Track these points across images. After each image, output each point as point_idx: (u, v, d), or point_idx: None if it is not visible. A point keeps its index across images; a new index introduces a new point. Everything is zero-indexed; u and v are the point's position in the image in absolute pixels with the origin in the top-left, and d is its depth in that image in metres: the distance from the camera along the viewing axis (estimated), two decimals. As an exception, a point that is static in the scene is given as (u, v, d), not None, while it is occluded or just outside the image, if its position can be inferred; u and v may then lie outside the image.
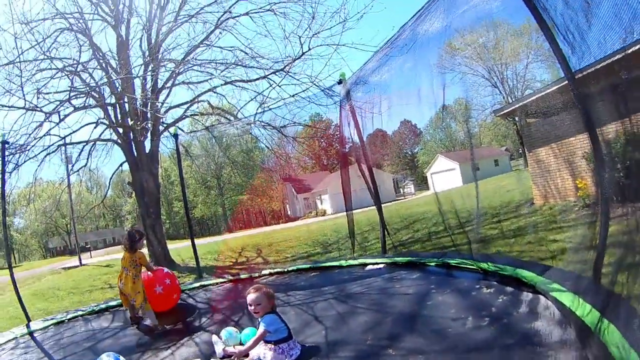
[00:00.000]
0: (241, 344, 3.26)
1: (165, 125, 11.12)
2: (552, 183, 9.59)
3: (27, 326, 5.33)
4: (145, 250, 9.45)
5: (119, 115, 10.97)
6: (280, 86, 9.50)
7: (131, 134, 10.90)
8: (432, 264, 4.42)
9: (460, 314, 2.99)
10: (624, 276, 2.28)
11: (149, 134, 10.90)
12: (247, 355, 3.02)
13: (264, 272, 6.27)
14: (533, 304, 2.77)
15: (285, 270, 6.12)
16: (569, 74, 2.68)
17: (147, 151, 11.10)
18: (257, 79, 9.94)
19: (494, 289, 3.26)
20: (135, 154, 11.01)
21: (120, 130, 10.96)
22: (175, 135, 7.34)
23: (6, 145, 6.24)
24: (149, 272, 4.69)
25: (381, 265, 5.01)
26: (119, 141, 11.07)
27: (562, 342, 2.21)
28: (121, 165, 12.75)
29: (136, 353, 3.70)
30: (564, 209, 8.44)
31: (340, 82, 6.16)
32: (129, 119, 10.70)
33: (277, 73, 9.47)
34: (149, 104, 9.55)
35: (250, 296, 3.10)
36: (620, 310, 2.17)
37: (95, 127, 10.79)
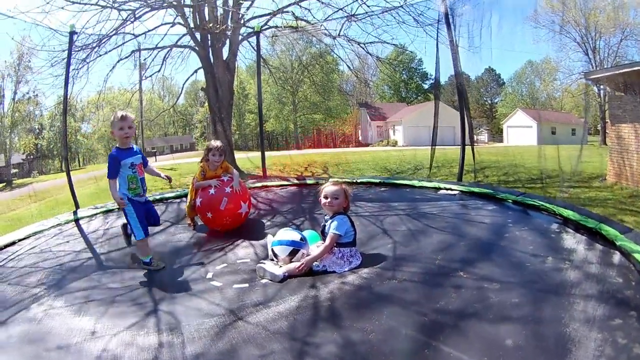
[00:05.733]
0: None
1: (244, 34, 10.95)
2: (628, 164, 9.05)
3: (74, 213, 4.81)
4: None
5: (197, 20, 10.83)
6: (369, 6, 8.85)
7: (209, 41, 10.91)
8: (510, 200, 4.05)
9: (539, 252, 2.75)
10: None
11: (227, 41, 10.85)
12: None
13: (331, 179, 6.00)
14: (614, 260, 2.55)
15: (354, 181, 5.58)
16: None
17: (224, 58, 11.15)
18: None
19: (574, 236, 3.00)
20: (212, 59, 11.06)
21: (198, 36, 10.94)
22: (257, 33, 7.11)
23: (76, 43, 5.88)
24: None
25: (455, 192, 4.63)
26: (196, 48, 11.09)
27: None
28: (196, 71, 12.65)
29: (187, 255, 3.45)
30: (635, 194, 7.95)
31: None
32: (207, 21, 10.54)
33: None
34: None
35: (329, 188, 2.90)
36: None
37: (171, 27, 10.73)
